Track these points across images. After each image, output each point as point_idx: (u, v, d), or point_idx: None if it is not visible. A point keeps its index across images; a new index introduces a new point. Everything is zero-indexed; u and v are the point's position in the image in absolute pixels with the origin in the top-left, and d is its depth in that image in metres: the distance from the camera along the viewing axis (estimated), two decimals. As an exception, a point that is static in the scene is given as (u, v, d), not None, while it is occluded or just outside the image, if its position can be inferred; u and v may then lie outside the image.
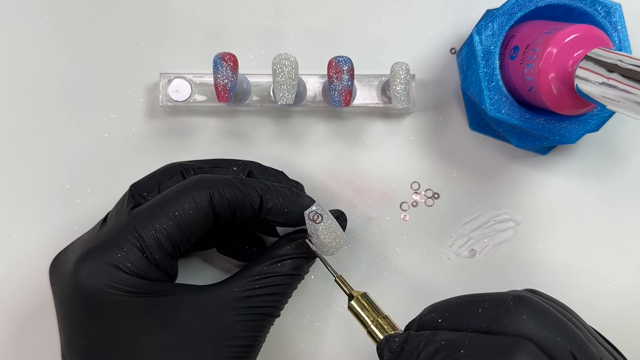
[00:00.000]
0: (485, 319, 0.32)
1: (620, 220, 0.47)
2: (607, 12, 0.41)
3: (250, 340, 0.39)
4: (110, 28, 0.48)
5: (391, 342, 0.34)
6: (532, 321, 0.31)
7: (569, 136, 0.42)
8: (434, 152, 0.48)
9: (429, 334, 0.33)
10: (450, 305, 0.34)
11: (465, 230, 0.48)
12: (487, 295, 0.33)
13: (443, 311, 0.34)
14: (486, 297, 0.33)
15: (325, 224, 0.39)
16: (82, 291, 0.37)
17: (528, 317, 0.31)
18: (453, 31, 0.48)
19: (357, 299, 0.38)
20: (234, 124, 0.48)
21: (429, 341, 0.32)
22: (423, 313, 0.35)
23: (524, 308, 0.32)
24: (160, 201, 0.39)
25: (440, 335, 0.32)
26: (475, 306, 0.33)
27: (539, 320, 0.31)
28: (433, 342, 0.32)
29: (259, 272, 0.40)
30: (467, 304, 0.33)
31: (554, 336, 0.31)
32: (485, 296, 0.33)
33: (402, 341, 0.34)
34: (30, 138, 0.48)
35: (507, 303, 0.32)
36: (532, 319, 0.31)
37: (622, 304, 0.47)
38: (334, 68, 0.42)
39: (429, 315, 0.34)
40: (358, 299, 0.38)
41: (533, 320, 0.31)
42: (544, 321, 0.31)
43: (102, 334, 0.38)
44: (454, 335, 0.32)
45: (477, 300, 0.33)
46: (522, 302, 0.32)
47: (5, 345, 0.47)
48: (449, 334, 0.32)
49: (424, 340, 0.33)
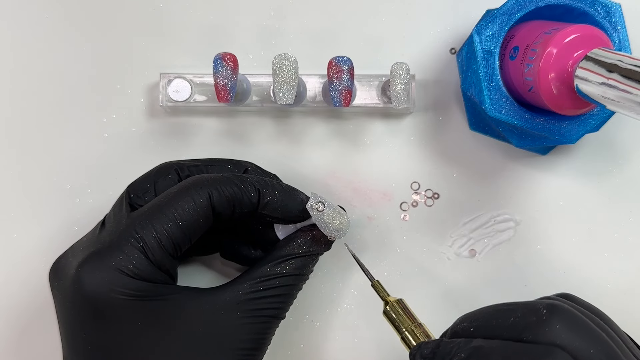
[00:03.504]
0: (518, 328, 0.32)
1: (620, 220, 0.47)
2: (607, 12, 0.41)
3: (256, 342, 0.39)
4: (110, 28, 0.48)
5: (424, 348, 0.34)
6: (566, 331, 0.31)
7: (569, 136, 0.42)
8: (434, 152, 0.48)
9: (461, 341, 0.33)
10: (483, 314, 0.34)
11: (465, 230, 0.48)
12: (520, 304, 0.33)
13: (476, 320, 0.34)
14: (519, 305, 0.33)
15: (330, 210, 0.40)
16: (85, 295, 0.37)
17: (561, 326, 0.31)
18: (453, 31, 0.48)
19: (392, 305, 0.39)
20: (234, 124, 0.48)
21: (460, 348, 0.32)
22: (456, 323, 0.35)
23: (557, 317, 0.31)
24: (159, 203, 0.39)
25: (472, 342, 0.32)
26: (508, 315, 0.33)
27: (573, 330, 0.31)
28: (465, 349, 0.32)
29: (263, 274, 0.40)
30: (500, 313, 0.33)
31: (588, 347, 0.30)
32: (518, 305, 0.33)
33: (434, 347, 0.34)
34: (30, 138, 0.48)
35: (539, 312, 0.32)
36: (565, 328, 0.31)
37: (622, 304, 0.47)
38: (334, 68, 0.42)
39: (461, 324, 0.34)
40: (393, 305, 0.39)
41: (566, 330, 0.31)
42: (577, 331, 0.31)
43: (105, 338, 0.38)
44: (486, 343, 0.32)
45: (509, 309, 0.33)
46: (556, 311, 0.31)
47: (6, 346, 0.46)
48: (482, 342, 0.32)
49: (456, 347, 0.33)
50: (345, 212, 0.42)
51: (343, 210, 0.43)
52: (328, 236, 0.42)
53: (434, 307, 0.46)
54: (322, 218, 0.40)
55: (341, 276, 0.47)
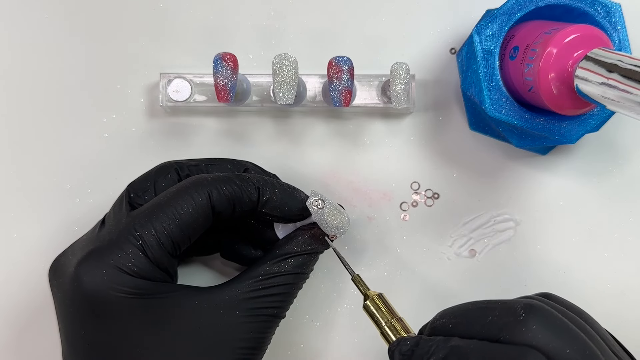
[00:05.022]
0: (495, 327, 0.32)
1: (620, 220, 0.47)
2: (607, 12, 0.41)
3: (255, 342, 0.39)
4: (110, 28, 0.48)
5: (402, 344, 0.34)
6: (542, 331, 0.31)
7: (569, 136, 0.42)
8: (434, 152, 0.48)
9: (440, 339, 0.33)
10: (462, 311, 0.34)
11: (465, 230, 0.48)
12: (498, 302, 0.33)
13: (454, 317, 0.34)
14: (498, 304, 0.33)
15: (329, 207, 0.40)
16: (84, 293, 0.37)
17: (538, 326, 0.31)
18: (453, 31, 0.48)
19: (372, 299, 0.38)
20: (234, 124, 0.48)
21: (438, 347, 0.32)
22: (435, 318, 0.35)
23: (534, 317, 0.31)
24: (159, 202, 0.39)
25: (450, 341, 0.32)
26: (486, 313, 0.32)
27: (549, 330, 0.31)
28: (443, 349, 0.32)
29: (262, 273, 0.40)
30: (478, 311, 0.33)
31: (564, 347, 0.30)
32: (497, 303, 0.33)
33: (413, 345, 0.34)
34: (30, 138, 0.48)
35: (517, 312, 0.31)
36: (542, 329, 0.31)
37: (622, 304, 0.47)
38: (334, 68, 0.42)
39: (440, 320, 0.34)
40: (373, 300, 0.38)
41: (543, 330, 0.31)
42: (554, 331, 0.31)
43: (104, 336, 0.38)
44: (463, 343, 0.32)
45: (488, 307, 0.33)
46: (533, 310, 0.31)
47: (6, 346, 0.46)
48: (459, 341, 0.32)
49: (435, 346, 0.33)
50: (345, 211, 0.42)
51: (342, 208, 0.43)
52: (328, 234, 0.41)
53: (433, 307, 0.46)
54: (322, 215, 0.40)
55: (341, 276, 0.47)
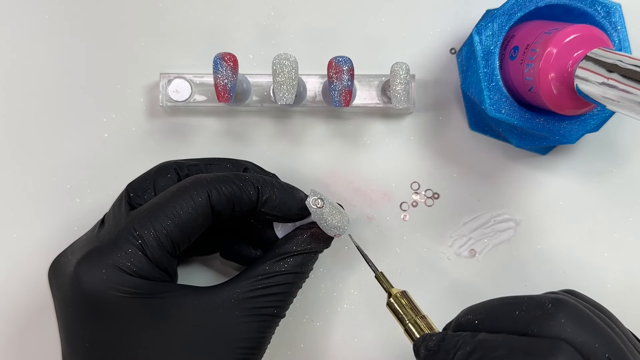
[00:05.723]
0: (523, 322, 0.32)
1: (620, 220, 0.47)
2: (607, 12, 0.41)
3: (255, 341, 0.39)
4: (110, 28, 0.48)
5: (428, 340, 0.34)
6: (571, 325, 0.31)
7: (569, 136, 0.42)
8: (434, 152, 0.48)
9: (466, 334, 0.33)
10: (488, 307, 0.34)
11: (465, 230, 0.48)
12: (525, 298, 0.33)
13: (480, 313, 0.34)
14: (524, 299, 0.33)
15: (328, 206, 0.40)
16: (84, 293, 0.37)
17: (566, 320, 0.31)
18: (453, 31, 0.48)
19: (395, 297, 0.38)
20: (234, 124, 0.48)
21: (465, 341, 0.32)
22: (460, 315, 0.35)
23: (562, 311, 0.31)
24: (158, 202, 0.39)
25: (477, 336, 0.32)
26: (513, 308, 0.33)
27: (578, 324, 0.31)
28: (470, 343, 0.32)
29: (262, 272, 0.40)
30: (505, 306, 0.33)
31: (592, 341, 0.30)
32: (523, 298, 0.33)
33: (439, 340, 0.34)
34: (30, 138, 0.48)
35: (545, 306, 0.32)
36: (570, 322, 0.31)
37: (622, 304, 0.47)
38: (334, 68, 0.42)
39: (465, 317, 0.34)
40: (397, 297, 0.38)
41: (571, 324, 0.31)
42: (582, 325, 0.31)
43: (103, 336, 0.38)
44: (491, 337, 0.32)
45: (514, 302, 0.33)
46: (561, 305, 0.31)
47: (6, 346, 0.46)
48: (486, 335, 0.32)
49: (461, 340, 0.33)
50: (344, 210, 0.42)
51: (342, 208, 0.42)
52: (327, 233, 0.42)
53: (433, 308, 0.46)
54: (321, 215, 0.40)
55: (341, 276, 0.47)
